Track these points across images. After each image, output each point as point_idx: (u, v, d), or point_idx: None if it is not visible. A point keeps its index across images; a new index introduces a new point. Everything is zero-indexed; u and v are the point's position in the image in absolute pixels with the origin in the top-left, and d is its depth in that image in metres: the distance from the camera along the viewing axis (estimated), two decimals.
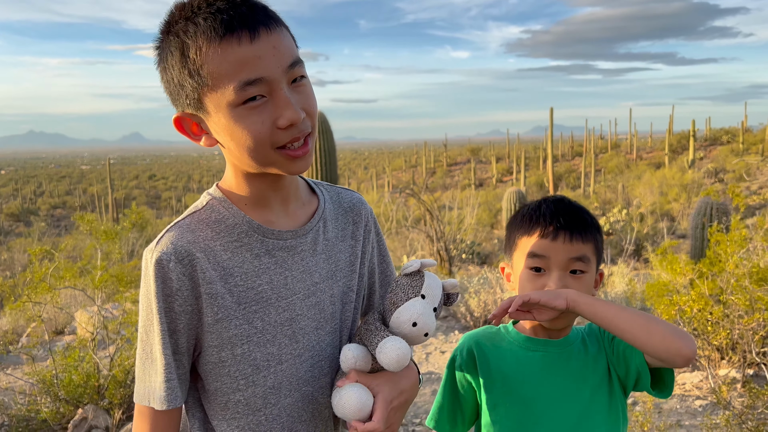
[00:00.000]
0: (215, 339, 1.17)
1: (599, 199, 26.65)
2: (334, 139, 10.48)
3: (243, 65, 1.07)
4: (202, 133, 1.19)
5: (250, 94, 1.08)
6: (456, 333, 6.70)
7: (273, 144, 1.12)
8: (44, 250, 4.69)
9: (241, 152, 1.14)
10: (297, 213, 1.29)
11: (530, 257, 1.39)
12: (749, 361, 4.49)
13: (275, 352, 1.20)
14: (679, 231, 17.28)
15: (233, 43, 1.06)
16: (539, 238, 1.39)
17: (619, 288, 7.74)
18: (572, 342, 1.46)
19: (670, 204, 21.79)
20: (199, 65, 1.08)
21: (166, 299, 1.12)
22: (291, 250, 1.24)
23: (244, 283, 1.18)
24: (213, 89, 1.09)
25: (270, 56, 1.09)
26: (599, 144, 55.44)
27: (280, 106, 1.10)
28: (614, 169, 38.82)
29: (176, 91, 1.14)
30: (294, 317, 1.22)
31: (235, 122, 1.10)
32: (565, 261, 1.37)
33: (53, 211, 51.53)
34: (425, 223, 11.78)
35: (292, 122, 1.11)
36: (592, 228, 1.41)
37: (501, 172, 49.93)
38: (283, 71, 1.10)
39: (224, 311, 1.16)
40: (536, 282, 1.38)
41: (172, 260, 1.12)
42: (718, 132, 46.24)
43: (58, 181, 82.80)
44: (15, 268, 14.93)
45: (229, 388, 1.19)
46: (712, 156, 37.00)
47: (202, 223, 1.20)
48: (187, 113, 1.16)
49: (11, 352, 5.97)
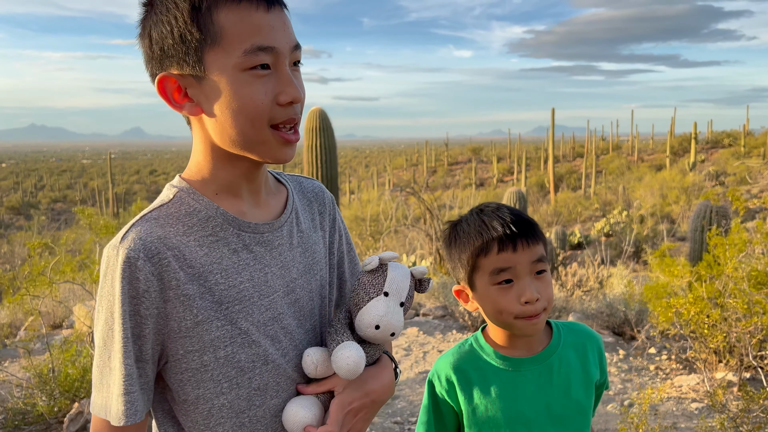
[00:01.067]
0: (196, 343, 1.08)
1: (600, 200, 26.64)
2: (335, 136, 10.48)
3: (258, 30, 1.05)
4: (185, 100, 1.10)
5: (260, 61, 1.05)
6: (454, 332, 6.69)
7: (270, 120, 1.08)
8: (43, 244, 4.69)
9: (233, 123, 1.07)
10: (269, 203, 1.23)
11: (496, 273, 1.34)
12: (746, 364, 4.49)
13: (260, 353, 1.14)
14: (679, 233, 17.27)
15: (251, 8, 1.05)
16: (499, 253, 1.33)
17: (618, 290, 7.73)
18: (554, 351, 1.43)
19: (671, 206, 21.79)
20: (211, 20, 1.04)
21: (131, 301, 1.03)
22: (268, 244, 1.17)
23: (225, 281, 1.11)
24: (221, 47, 1.05)
25: (281, 30, 1.08)
26: (600, 145, 55.40)
27: (283, 81, 1.08)
28: (615, 171, 38.80)
29: (172, 47, 1.06)
30: (276, 316, 1.16)
31: (237, 87, 1.06)
32: (529, 266, 1.34)
33: (54, 205, 51.53)
34: (425, 222, 11.78)
35: (293, 100, 1.08)
36: (536, 226, 1.39)
37: (502, 172, 49.91)
38: (289, 48, 1.09)
39: (204, 312, 1.08)
40: (510, 294, 1.33)
41: (140, 258, 1.03)
42: (720, 135, 46.19)
43: (58, 175, 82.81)
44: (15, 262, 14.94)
45: (212, 393, 1.11)
46: (714, 159, 36.98)
47: (172, 217, 1.10)
48: (174, 73, 1.08)
49: (8, 346, 5.97)
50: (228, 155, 1.13)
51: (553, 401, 1.40)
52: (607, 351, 5.82)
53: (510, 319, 1.34)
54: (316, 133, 10.22)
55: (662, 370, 5.26)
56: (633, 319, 6.17)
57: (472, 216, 1.42)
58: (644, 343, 5.81)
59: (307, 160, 10.34)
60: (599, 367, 1.47)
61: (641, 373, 5.21)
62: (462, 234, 1.40)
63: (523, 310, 1.32)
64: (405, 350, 6.10)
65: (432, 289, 8.25)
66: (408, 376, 5.36)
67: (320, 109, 10.47)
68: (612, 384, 4.96)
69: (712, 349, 4.65)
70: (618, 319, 6.34)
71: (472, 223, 1.40)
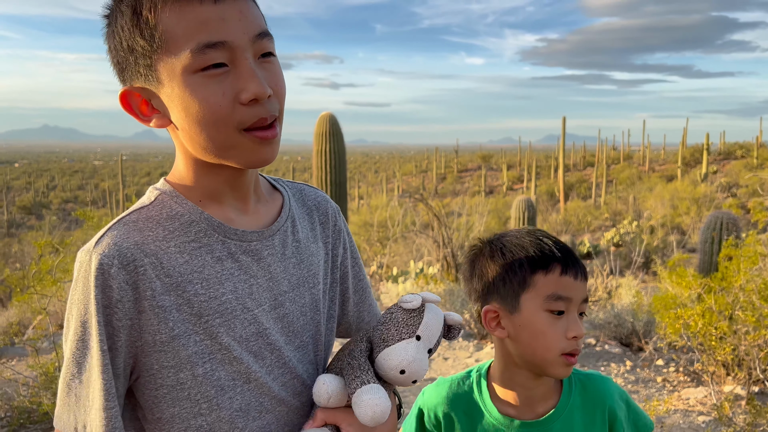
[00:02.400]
0: (171, 358, 0.99)
1: (610, 210, 26.52)
2: (344, 141, 10.51)
3: (204, 25, 0.94)
4: (153, 112, 1.02)
5: (210, 60, 0.94)
6: (460, 340, 6.67)
7: (238, 124, 0.97)
8: (50, 243, 4.72)
9: (197, 132, 0.98)
10: (259, 211, 1.13)
11: (554, 299, 1.20)
12: (755, 378, 4.44)
13: (242, 370, 1.04)
14: (689, 245, 17.15)
15: (194, 2, 0.94)
16: (561, 275, 1.21)
17: (626, 300, 7.68)
18: (558, 415, 1.30)
19: (681, 217, 21.64)
20: (153, 24, 0.94)
21: (104, 311, 0.95)
22: (256, 254, 1.08)
23: (205, 292, 1.01)
24: (168, 52, 0.95)
25: (235, 20, 0.96)
26: (611, 155, 55.19)
27: (243, 77, 0.96)
28: (626, 181, 38.62)
29: (125, 59, 0.99)
30: (261, 331, 1.06)
31: (190, 91, 0.95)
32: (580, 302, 1.22)
33: (65, 205, 51.92)
34: (433, 229, 11.76)
35: (256, 96, 0.96)
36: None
37: (512, 180, 49.80)
38: (249, 39, 0.97)
39: (181, 326, 0.99)
40: (558, 326, 1.21)
41: (114, 265, 0.95)
42: (732, 146, 45.91)
43: (70, 175, 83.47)
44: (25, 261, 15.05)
45: (189, 413, 1.02)
46: (726, 170, 36.73)
47: (152, 220, 1.02)
48: (136, 87, 1.00)
49: (16, 344, 6.01)
50: (206, 164, 1.04)
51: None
52: (614, 362, 5.78)
53: (553, 356, 1.21)
54: (326, 137, 10.25)
55: (669, 382, 5.21)
56: (641, 330, 6.12)
57: (521, 234, 1.29)
58: (652, 354, 5.76)
59: (317, 165, 10.37)
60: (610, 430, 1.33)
61: (648, 384, 5.17)
62: (512, 246, 1.27)
63: (568, 346, 1.21)
64: None
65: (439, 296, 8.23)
66: None
67: (330, 114, 10.51)
68: None
69: (720, 362, 4.61)
70: (626, 330, 6.30)
71: (525, 239, 1.27)
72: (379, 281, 11.28)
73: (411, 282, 9.56)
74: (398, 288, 9.16)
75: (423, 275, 10.09)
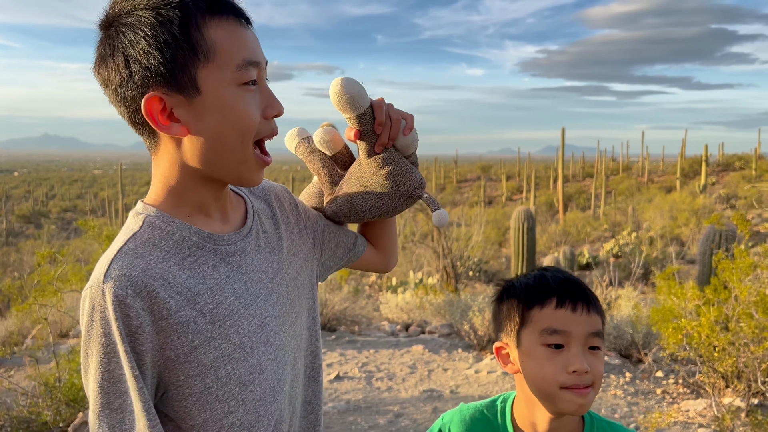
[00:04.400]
0: (196, 367, 1.06)
1: (609, 221, 26.54)
2: None
3: (245, 45, 1.07)
4: (170, 121, 1.06)
5: (251, 76, 1.07)
6: (459, 351, 6.66)
7: (258, 134, 1.10)
8: (52, 253, 4.73)
9: (222, 141, 1.07)
10: (234, 217, 1.23)
11: (548, 333, 1.21)
12: (754, 390, 4.44)
13: (256, 363, 1.13)
14: (688, 256, 17.16)
15: (236, 23, 1.07)
16: (556, 308, 1.22)
17: (625, 312, 7.68)
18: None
19: (680, 228, 21.67)
20: (201, 36, 1.03)
21: (128, 339, 1.00)
22: (242, 252, 1.17)
23: (212, 300, 1.09)
24: (214, 63, 1.04)
25: (258, 45, 1.11)
26: (611, 166, 55.31)
27: (267, 95, 1.12)
28: (625, 192, 38.68)
29: (160, 66, 1.02)
30: (263, 321, 1.16)
31: (234, 102, 1.06)
32: (584, 336, 1.21)
33: (64, 214, 51.91)
34: (432, 239, 11.77)
35: (279, 113, 1.13)
36: (598, 300, 1.28)
37: (511, 191, 49.86)
38: (265, 64, 1.13)
39: (200, 336, 1.06)
40: (557, 360, 1.21)
41: (129, 295, 0.99)
42: (731, 158, 46.04)
43: (70, 184, 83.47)
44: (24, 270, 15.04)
45: (220, 413, 1.09)
46: (724, 182, 36.81)
47: (148, 244, 1.06)
48: (161, 94, 1.04)
49: (16, 354, 6.00)
50: (201, 176, 1.11)
51: None
52: (613, 373, 5.77)
53: (553, 389, 1.20)
54: None
55: (669, 394, 5.21)
56: (640, 341, 6.12)
57: (533, 272, 1.32)
58: (651, 366, 5.76)
59: None
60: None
61: (648, 396, 5.16)
62: (518, 285, 1.30)
63: (568, 381, 1.19)
64: (410, 368, 6.07)
65: (438, 307, 8.23)
66: (413, 394, 5.34)
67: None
68: (617, 407, 4.91)
69: (720, 374, 4.61)
70: (625, 342, 6.30)
71: (532, 276, 1.30)
72: (378, 291, 11.28)
73: (411, 292, 9.56)
74: (397, 298, 9.16)
75: (422, 285, 10.09)
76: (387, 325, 7.98)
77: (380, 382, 5.67)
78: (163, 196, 1.12)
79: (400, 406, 5.01)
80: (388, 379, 5.74)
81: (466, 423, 1.34)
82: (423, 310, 8.53)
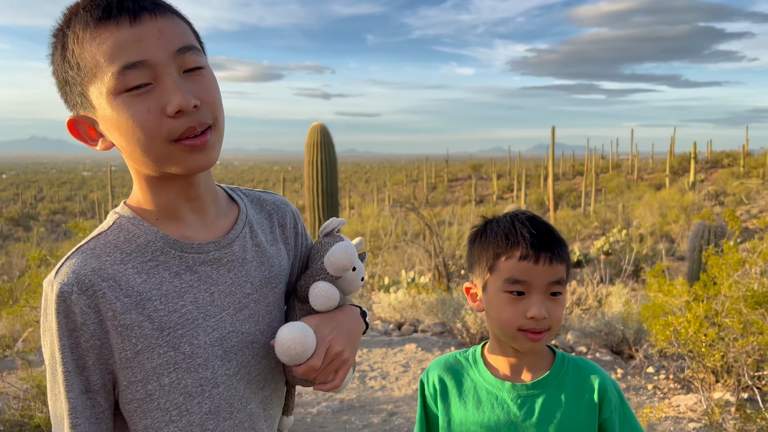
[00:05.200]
0: (138, 373, 1.06)
1: (599, 218, 26.68)
2: (335, 152, 10.54)
3: (122, 49, 0.99)
4: (99, 137, 1.09)
5: (133, 81, 1.00)
6: (452, 349, 6.69)
7: (168, 136, 1.02)
8: (43, 255, 4.71)
9: (133, 148, 1.04)
10: (218, 224, 1.18)
11: (510, 283, 1.31)
12: (743, 384, 4.49)
13: (208, 376, 1.10)
14: (678, 253, 17.28)
15: (110, 27, 1.00)
16: (519, 260, 1.31)
17: (616, 308, 7.74)
18: (548, 383, 1.36)
19: (670, 225, 21.81)
20: (77, 55, 1.01)
21: (71, 334, 1.02)
22: (215, 263, 1.14)
23: (164, 307, 1.07)
24: (93, 79, 1.01)
25: (154, 39, 1.01)
26: (600, 164, 55.56)
27: (167, 92, 1.01)
28: (615, 189, 38.88)
29: (64, 91, 1.07)
30: (225, 335, 1.13)
31: (119, 112, 1.01)
32: (545, 285, 1.30)
33: (53, 217, 51.56)
34: (424, 238, 11.79)
35: (180, 108, 1.00)
36: (565, 247, 1.36)
37: (502, 189, 50.01)
38: (170, 55, 1.02)
39: (144, 341, 1.05)
40: (517, 306, 1.31)
41: (74, 292, 1.02)
42: (720, 155, 46.39)
43: (58, 186, 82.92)
44: (13, 273, 14.93)
45: (161, 421, 1.08)
46: (713, 178, 37.08)
47: (109, 245, 1.08)
48: (81, 116, 1.07)
49: (8, 356, 5.96)
50: (156, 179, 1.10)
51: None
52: (604, 369, 5.82)
53: (512, 331, 1.32)
54: (318, 148, 10.29)
55: (660, 389, 5.26)
56: (631, 338, 6.17)
57: (504, 218, 1.40)
58: (642, 362, 5.81)
59: (308, 175, 10.39)
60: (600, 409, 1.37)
61: (639, 392, 5.21)
62: (490, 233, 1.38)
63: (525, 324, 1.30)
64: (403, 366, 6.09)
65: (430, 306, 8.25)
66: (406, 392, 5.36)
67: (321, 124, 10.55)
68: None
69: (710, 369, 4.66)
70: (616, 338, 6.34)
71: (503, 224, 1.37)
72: (371, 291, 11.29)
73: (403, 291, 9.58)
74: (390, 298, 9.17)
75: (415, 284, 10.11)
76: (380, 324, 7.99)
77: (374, 381, 5.68)
78: (137, 199, 1.14)
79: (393, 405, 5.02)
80: (381, 378, 5.75)
81: (441, 365, 1.46)
82: (415, 309, 8.55)
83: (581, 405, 1.36)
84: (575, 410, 1.35)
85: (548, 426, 1.33)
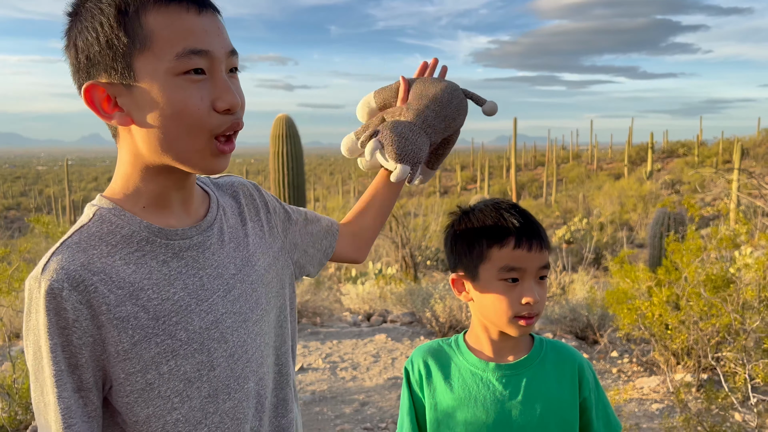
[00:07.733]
0: (136, 364, 1.04)
1: (560, 208, 27.18)
2: (301, 143, 10.47)
3: (190, 33, 1.01)
4: (115, 109, 1.05)
5: (194, 65, 1.01)
6: (422, 338, 6.75)
7: (213, 129, 1.04)
8: (6, 252, 4.58)
9: (167, 131, 1.03)
10: (198, 211, 1.19)
11: (506, 270, 1.34)
12: (704, 365, 4.65)
13: (205, 360, 1.11)
14: (637, 240, 17.73)
15: (182, 10, 1.01)
16: (514, 249, 1.34)
17: (580, 295, 7.91)
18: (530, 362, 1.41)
19: (629, 214, 22.36)
20: (139, 23, 1.00)
21: (62, 332, 0.99)
22: (199, 247, 1.14)
23: (157, 296, 1.06)
24: (151, 52, 1.00)
25: (215, 34, 1.04)
26: (561, 154, 56.52)
27: (219, 87, 1.04)
28: (575, 179, 39.63)
29: (98, 55, 1.02)
30: (218, 318, 1.13)
31: (171, 92, 1.01)
32: (536, 270, 1.35)
33: (7, 213, 49.94)
34: (391, 230, 11.83)
35: (231, 106, 1.04)
36: (546, 234, 1.40)
37: (465, 180, 50.46)
38: (225, 53, 1.05)
39: (141, 331, 1.04)
40: (513, 293, 1.34)
41: (65, 288, 0.99)
42: (675, 145, 47.70)
43: (12, 181, 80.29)
44: None
45: (163, 409, 1.08)
46: (669, 168, 38.10)
47: (94, 238, 1.05)
48: (102, 82, 1.03)
49: None
50: (158, 167, 1.09)
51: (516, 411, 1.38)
52: None
53: (506, 319, 1.35)
54: (283, 140, 10.20)
55: (624, 372, 5.41)
56: (595, 323, 6.32)
57: (487, 207, 1.41)
58: (607, 346, 5.96)
59: (274, 168, 10.30)
60: (579, 388, 1.42)
61: (604, 375, 5.35)
62: (476, 222, 1.39)
63: (521, 310, 1.33)
64: (374, 357, 6.12)
65: (400, 296, 8.30)
66: (377, 382, 5.39)
67: (287, 116, 10.45)
68: None
69: (672, 351, 4.81)
70: (581, 324, 6.50)
71: (489, 213, 1.39)
72: (338, 282, 11.28)
73: (370, 283, 9.61)
74: (358, 289, 9.20)
75: (382, 276, 10.16)
76: (349, 315, 8.01)
77: (345, 372, 5.70)
78: (120, 188, 1.11)
79: (365, 395, 5.05)
80: (352, 369, 5.77)
81: (424, 350, 1.48)
82: (384, 299, 8.59)
83: (564, 383, 1.40)
84: (558, 388, 1.39)
85: (534, 403, 1.37)
